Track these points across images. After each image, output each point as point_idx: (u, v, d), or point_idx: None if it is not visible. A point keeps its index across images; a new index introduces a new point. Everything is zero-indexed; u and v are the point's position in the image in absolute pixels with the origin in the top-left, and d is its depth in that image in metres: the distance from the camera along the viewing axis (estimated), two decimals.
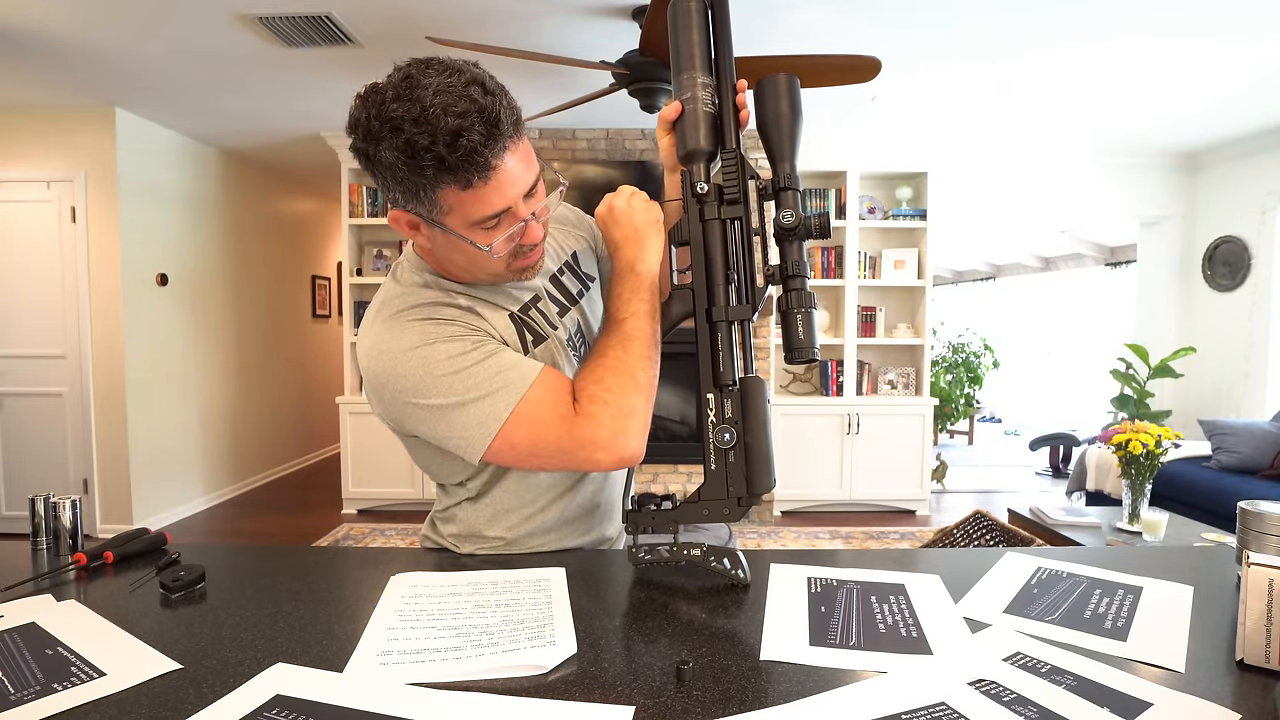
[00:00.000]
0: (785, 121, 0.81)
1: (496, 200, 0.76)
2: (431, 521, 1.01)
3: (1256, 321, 4.32)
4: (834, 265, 4.50)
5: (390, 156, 0.72)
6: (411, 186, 0.74)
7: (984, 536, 2.18)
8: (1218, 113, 3.85)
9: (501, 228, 0.78)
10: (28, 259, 3.82)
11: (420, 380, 0.80)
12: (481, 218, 0.76)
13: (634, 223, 0.89)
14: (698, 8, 0.85)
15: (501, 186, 0.75)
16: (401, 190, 0.76)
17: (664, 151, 0.89)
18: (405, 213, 0.80)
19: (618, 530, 1.05)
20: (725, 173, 0.82)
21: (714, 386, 0.79)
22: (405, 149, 0.71)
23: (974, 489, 5.29)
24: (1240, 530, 0.84)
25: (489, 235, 0.78)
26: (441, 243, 0.82)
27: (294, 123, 4.13)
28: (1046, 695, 0.59)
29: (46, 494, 0.99)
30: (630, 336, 0.84)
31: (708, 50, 0.85)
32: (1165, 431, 2.52)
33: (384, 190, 0.78)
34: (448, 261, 0.86)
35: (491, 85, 0.74)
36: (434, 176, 0.73)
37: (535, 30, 2.85)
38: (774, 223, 0.79)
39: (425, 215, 0.78)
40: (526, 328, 0.90)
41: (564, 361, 0.93)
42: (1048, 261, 7.82)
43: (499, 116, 0.72)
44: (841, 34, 2.87)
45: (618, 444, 0.80)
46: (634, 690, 0.60)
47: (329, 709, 0.57)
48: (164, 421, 4.23)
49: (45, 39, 2.87)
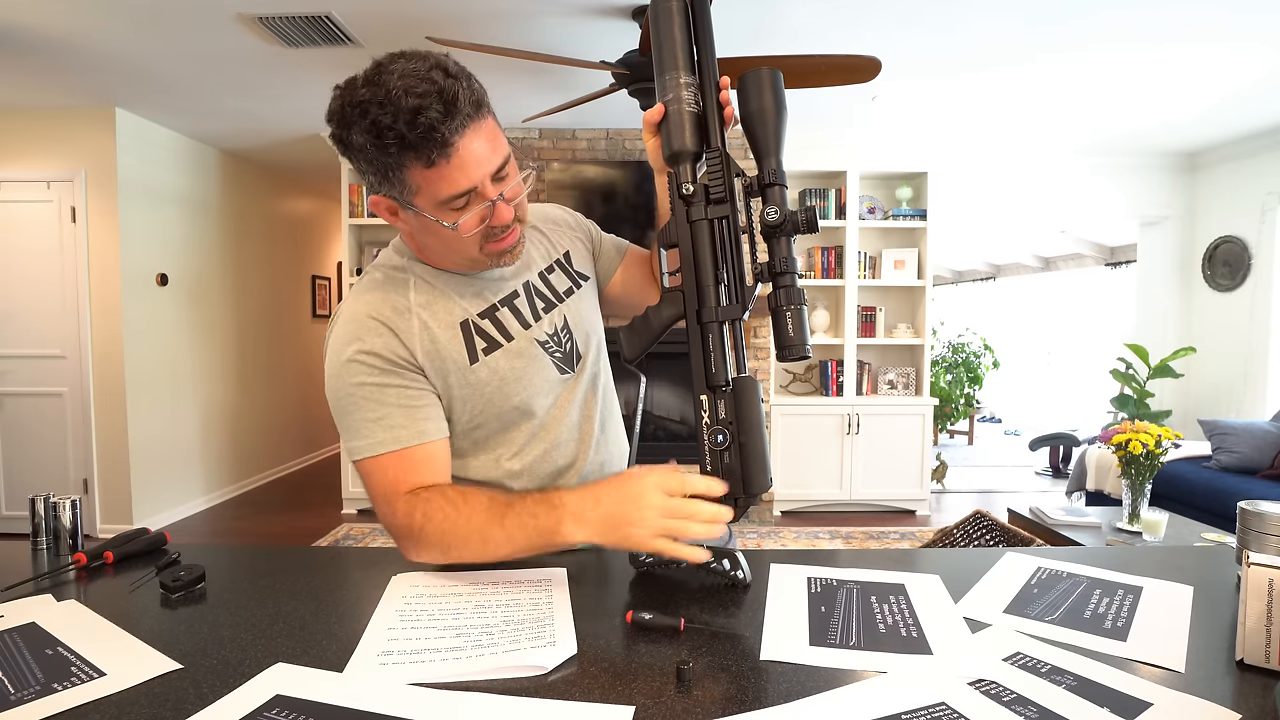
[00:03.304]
0: (769, 116, 0.80)
1: (460, 179, 0.78)
2: None
3: (1256, 321, 4.32)
4: (834, 265, 4.50)
5: (360, 139, 0.76)
6: (381, 168, 0.78)
7: (984, 536, 2.18)
8: (1218, 113, 3.85)
9: (470, 208, 0.81)
10: (28, 259, 3.82)
11: (330, 375, 0.88)
12: (448, 196, 0.79)
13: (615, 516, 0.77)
14: (678, 7, 0.84)
15: (465, 165, 0.78)
16: (374, 173, 0.80)
17: (651, 154, 0.90)
18: (383, 197, 0.83)
19: None
20: (710, 172, 0.81)
21: (707, 388, 0.78)
22: (371, 130, 0.74)
23: (974, 489, 5.29)
24: (1240, 530, 0.84)
25: (457, 215, 0.81)
26: (417, 226, 0.85)
27: (294, 123, 4.13)
28: (1046, 695, 0.59)
29: (46, 494, 0.99)
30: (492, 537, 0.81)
31: (690, 49, 0.84)
32: (1165, 431, 2.52)
33: (361, 176, 0.82)
34: (425, 246, 0.89)
35: (454, 69, 0.77)
36: (398, 155, 0.76)
37: (535, 30, 2.85)
38: (760, 219, 0.78)
39: (398, 198, 0.81)
40: (480, 334, 0.91)
41: (529, 361, 0.94)
42: (1048, 261, 7.82)
43: (457, 95, 0.75)
44: (841, 34, 2.87)
45: (402, 547, 0.87)
46: (634, 690, 0.60)
47: (329, 709, 0.57)
48: (164, 421, 4.23)
49: (46, 39, 2.87)
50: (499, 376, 0.91)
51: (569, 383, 0.99)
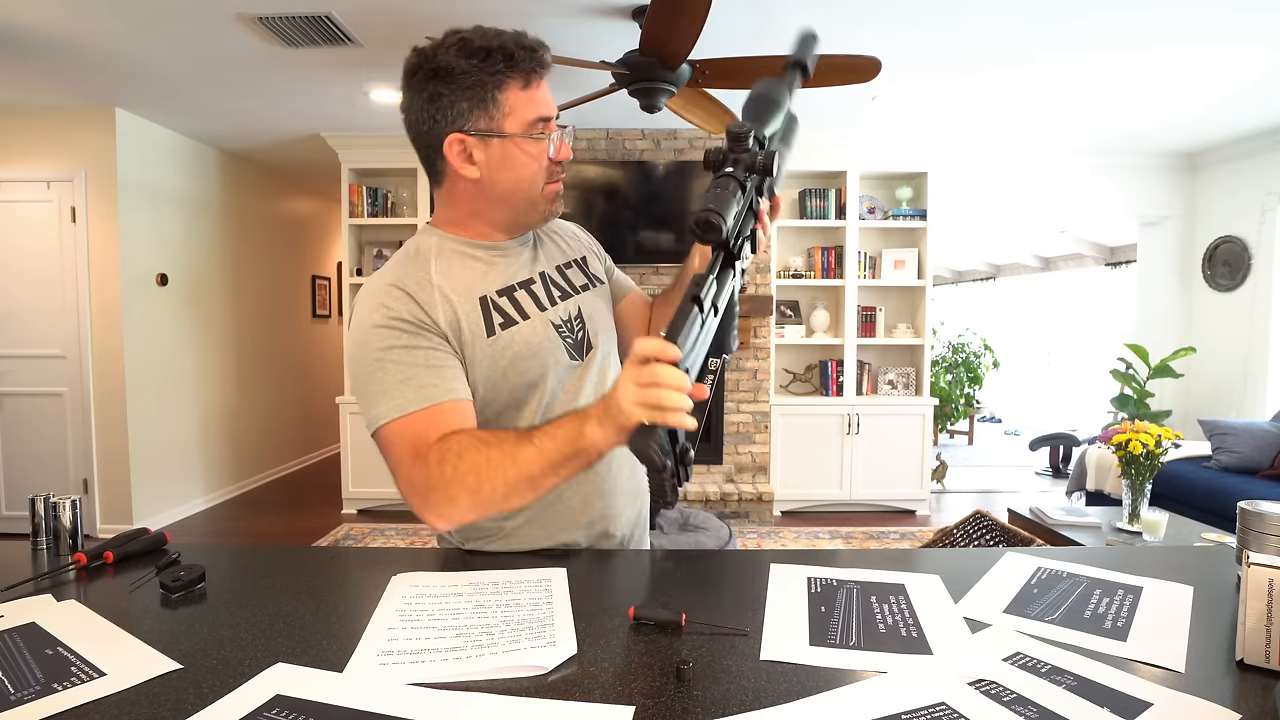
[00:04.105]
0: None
1: (544, 105, 0.91)
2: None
3: (1256, 321, 4.32)
4: (834, 265, 4.50)
5: (462, 64, 0.86)
6: (478, 90, 0.87)
7: (984, 536, 2.18)
8: (1218, 113, 3.85)
9: (546, 140, 0.92)
10: (28, 259, 3.82)
11: (353, 346, 0.90)
12: (535, 118, 0.90)
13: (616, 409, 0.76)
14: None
15: (546, 97, 0.92)
16: (468, 99, 0.88)
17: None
18: (463, 135, 0.89)
19: (622, 532, 1.04)
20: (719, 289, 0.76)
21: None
22: (478, 53, 0.86)
23: (974, 489, 5.29)
24: (1240, 530, 0.84)
25: (538, 145, 0.91)
26: (497, 159, 0.91)
27: (294, 123, 4.13)
28: (1046, 695, 0.59)
29: (46, 494, 0.99)
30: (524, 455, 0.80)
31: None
32: (1165, 431, 2.51)
33: (443, 112, 0.88)
34: (495, 184, 0.93)
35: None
36: (504, 74, 0.87)
37: (535, 30, 2.80)
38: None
39: (486, 127, 0.89)
40: (498, 310, 0.94)
41: (543, 340, 0.96)
42: (1048, 261, 7.82)
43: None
44: (842, 35, 2.87)
45: (431, 507, 0.83)
46: (634, 690, 0.60)
47: (329, 709, 0.57)
48: (164, 421, 4.23)
49: (46, 39, 2.87)
50: (513, 351, 0.93)
51: (578, 370, 1.00)
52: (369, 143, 4.38)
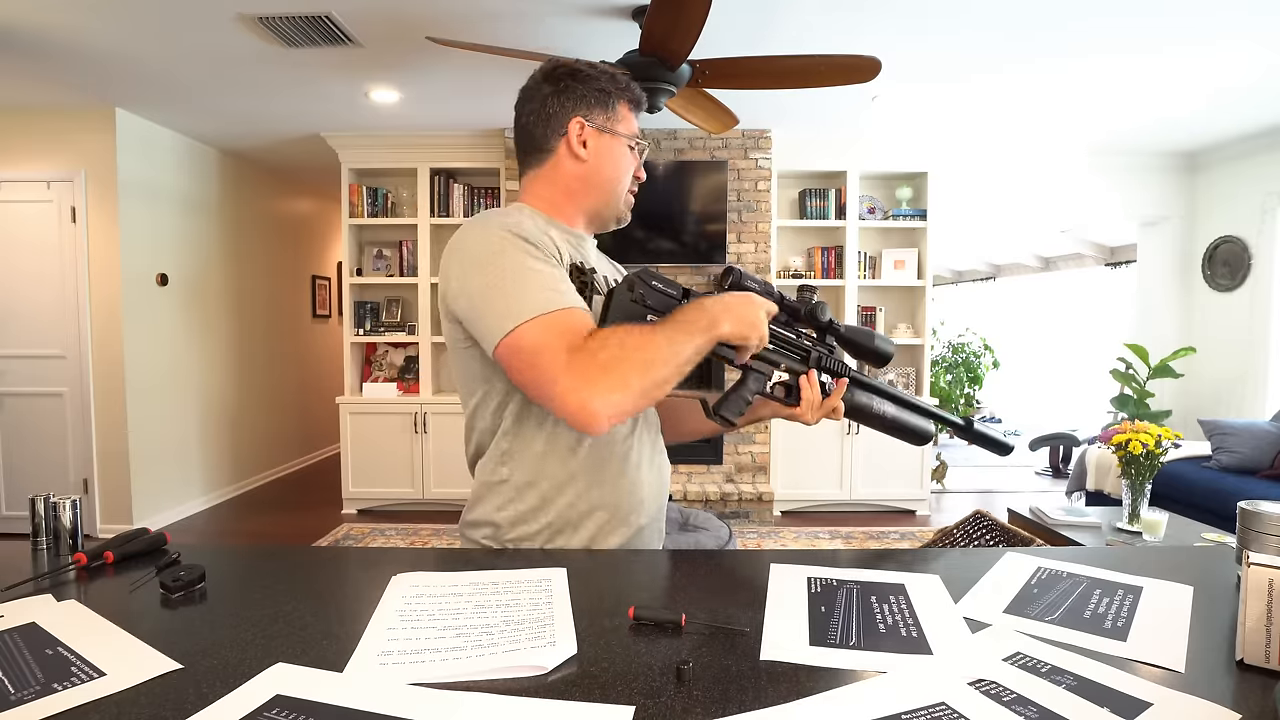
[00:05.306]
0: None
1: (637, 127, 1.11)
2: (471, 505, 1.04)
3: (1256, 321, 4.32)
4: (834, 265, 4.50)
5: (594, 73, 1.05)
6: (605, 96, 1.05)
7: (984, 536, 2.18)
8: (1217, 113, 3.85)
9: (635, 154, 1.10)
10: (28, 259, 3.82)
11: (487, 254, 0.92)
12: (632, 133, 1.09)
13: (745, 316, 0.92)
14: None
15: (637, 125, 1.11)
16: (596, 98, 1.05)
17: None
18: (584, 121, 1.03)
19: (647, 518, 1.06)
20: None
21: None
22: (605, 72, 1.06)
23: (974, 489, 5.29)
24: (1240, 530, 0.84)
25: (632, 156, 1.09)
26: (604, 151, 1.06)
27: (294, 123, 4.13)
28: (1046, 695, 0.59)
29: (46, 494, 0.99)
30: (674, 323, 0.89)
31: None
32: (1165, 431, 2.51)
33: (571, 100, 1.03)
34: (596, 171, 1.06)
35: None
36: (624, 91, 1.07)
37: (535, 30, 2.85)
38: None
39: (602, 123, 1.05)
40: (582, 283, 1.00)
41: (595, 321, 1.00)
42: (1048, 261, 7.82)
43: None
44: (842, 39, 2.87)
45: (600, 395, 0.83)
46: (634, 690, 0.60)
47: (329, 709, 0.57)
48: (164, 421, 4.23)
49: (46, 39, 2.87)
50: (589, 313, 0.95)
51: None
52: (369, 143, 4.38)
